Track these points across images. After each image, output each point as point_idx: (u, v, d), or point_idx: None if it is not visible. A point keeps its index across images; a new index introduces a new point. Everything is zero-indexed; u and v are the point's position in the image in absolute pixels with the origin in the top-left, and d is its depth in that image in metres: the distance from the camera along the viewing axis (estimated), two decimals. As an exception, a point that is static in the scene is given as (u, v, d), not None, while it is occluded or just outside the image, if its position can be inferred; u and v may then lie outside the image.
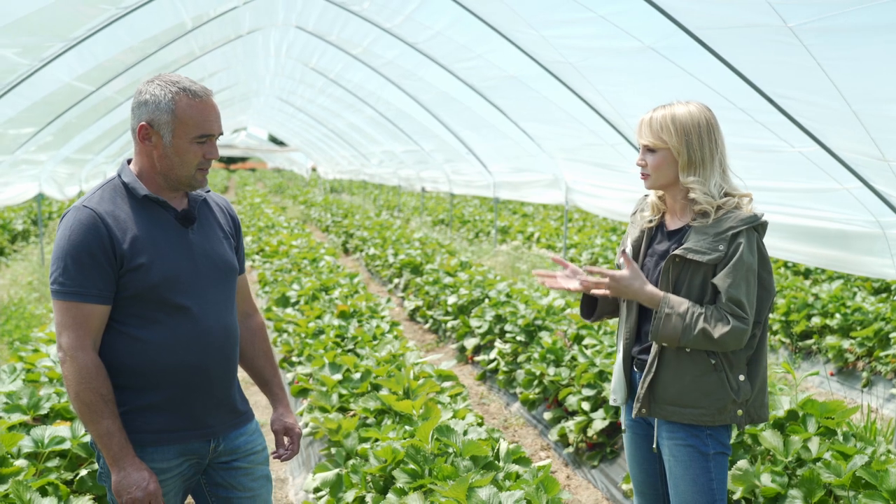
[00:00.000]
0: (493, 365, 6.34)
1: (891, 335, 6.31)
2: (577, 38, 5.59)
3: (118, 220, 2.21)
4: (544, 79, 6.66)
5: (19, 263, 11.05)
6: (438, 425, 3.27)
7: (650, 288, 2.51)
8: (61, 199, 12.34)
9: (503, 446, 3.27)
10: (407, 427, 3.54)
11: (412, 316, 8.87)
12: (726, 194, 2.57)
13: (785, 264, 9.82)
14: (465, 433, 3.36)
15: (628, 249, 2.72)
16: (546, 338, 5.74)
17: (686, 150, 2.52)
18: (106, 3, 5.15)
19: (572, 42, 5.68)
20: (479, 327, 6.73)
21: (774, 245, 5.65)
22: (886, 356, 6.19)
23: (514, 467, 3.10)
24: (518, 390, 5.77)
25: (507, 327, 6.28)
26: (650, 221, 2.71)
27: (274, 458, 2.62)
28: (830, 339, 6.66)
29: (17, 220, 14.48)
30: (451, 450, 3.22)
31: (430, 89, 9.86)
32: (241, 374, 2.70)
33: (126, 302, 2.22)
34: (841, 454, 3.36)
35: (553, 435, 5.13)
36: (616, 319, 2.83)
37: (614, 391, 2.73)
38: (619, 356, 2.71)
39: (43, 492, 2.96)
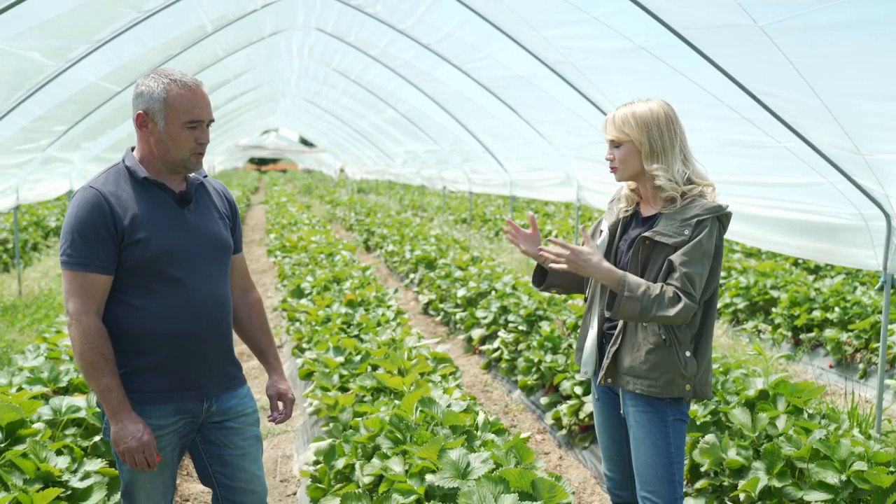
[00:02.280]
0: (496, 354, 6.58)
1: (888, 328, 6.44)
2: (574, 39, 5.80)
3: (120, 200, 2.48)
4: (549, 78, 6.88)
5: (51, 258, 11.48)
6: (422, 397, 3.52)
7: (606, 265, 2.71)
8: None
9: (481, 417, 3.51)
10: (397, 402, 3.79)
11: (426, 309, 9.13)
12: (690, 181, 2.78)
13: (795, 262, 9.94)
14: (449, 406, 3.60)
15: (605, 233, 2.94)
16: (545, 327, 5.96)
17: (647, 141, 2.75)
18: (127, 7, 5.46)
19: (570, 42, 5.89)
20: (485, 318, 6.97)
21: (767, 238, 5.84)
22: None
23: (490, 436, 3.33)
24: (519, 377, 5.99)
25: (510, 317, 6.51)
26: (626, 211, 2.93)
27: (269, 420, 2.88)
28: (829, 332, 6.80)
29: (51, 217, 14.96)
30: (433, 420, 3.47)
31: (446, 89, 10.11)
32: (241, 347, 2.97)
33: (126, 273, 2.49)
34: (804, 430, 3.56)
35: (548, 419, 5.36)
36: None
37: (585, 363, 2.95)
38: (593, 331, 2.91)
39: (58, 452, 3.25)
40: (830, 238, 5.19)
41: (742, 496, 3.43)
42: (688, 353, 2.72)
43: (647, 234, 2.74)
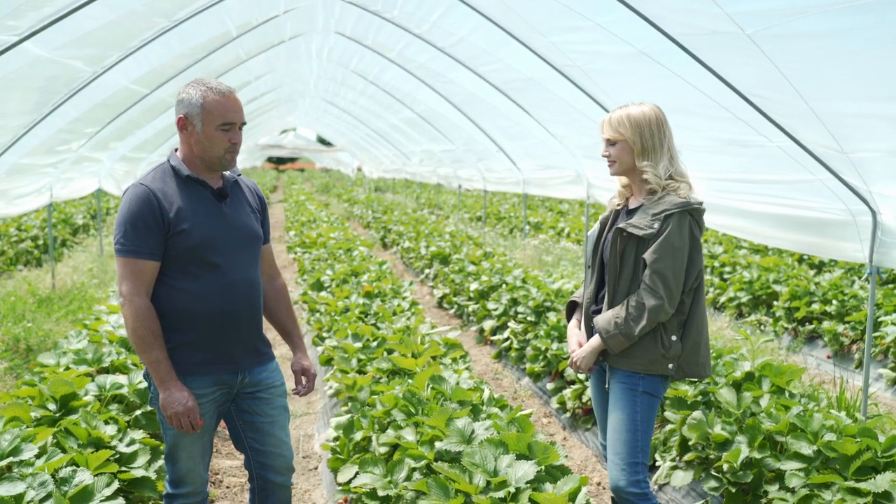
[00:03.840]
0: (506, 343, 6.91)
1: (881, 319, 6.72)
2: (580, 44, 6.12)
3: (166, 195, 2.84)
4: (558, 81, 7.19)
5: (80, 254, 11.92)
6: (433, 375, 3.87)
7: (587, 344, 3.14)
8: (118, 194, 13.19)
9: (486, 393, 3.85)
10: (410, 381, 4.13)
11: (440, 303, 9.48)
12: (671, 177, 3.13)
13: (801, 258, 10.20)
14: (458, 384, 3.95)
15: (596, 227, 3.33)
16: (552, 317, 6.29)
17: (640, 140, 3.11)
18: (159, 17, 5.84)
19: (577, 47, 6.21)
20: (496, 309, 7.30)
21: (763, 233, 6.14)
22: (876, 338, 6.61)
23: (494, 410, 3.67)
24: (527, 365, 6.32)
25: (520, 309, 6.85)
26: (618, 205, 3.30)
27: (293, 393, 3.24)
28: (827, 324, 7.09)
29: (78, 215, 15.46)
30: (443, 396, 3.81)
31: (460, 90, 10.44)
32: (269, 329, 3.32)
33: (171, 260, 2.84)
34: (784, 407, 3.87)
35: (554, 403, 5.68)
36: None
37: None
38: (582, 315, 3.29)
39: (105, 422, 3.62)
40: (821, 232, 5.48)
41: (725, 467, 3.75)
42: (673, 338, 3.05)
43: (621, 225, 3.09)
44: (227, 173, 3.01)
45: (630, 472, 3.02)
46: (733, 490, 3.69)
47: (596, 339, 3.09)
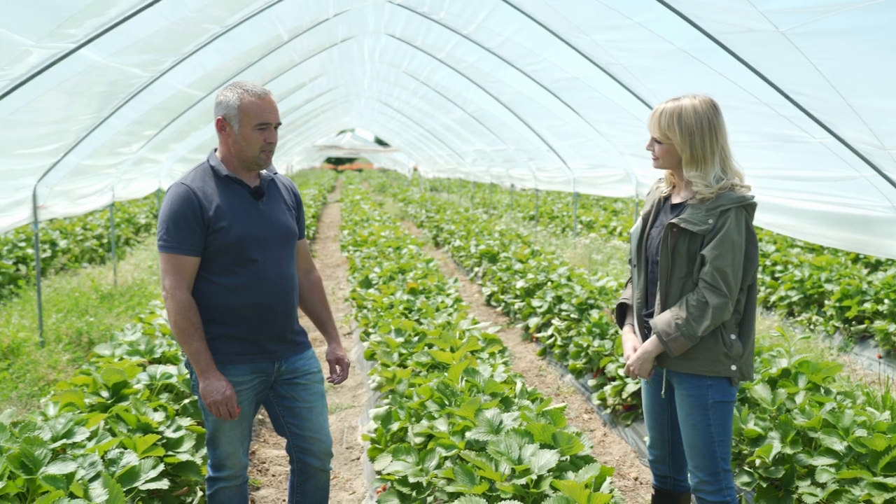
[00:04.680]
0: (550, 340, 6.97)
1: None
2: (622, 42, 6.16)
3: (206, 194, 2.99)
4: (603, 79, 7.23)
5: (142, 252, 12.35)
6: (466, 368, 3.97)
7: (643, 347, 2.99)
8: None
9: (519, 386, 3.94)
10: (446, 374, 4.24)
11: (488, 301, 9.58)
12: (722, 181, 2.90)
13: (856, 257, 10.01)
14: (491, 377, 4.04)
15: (639, 222, 3.17)
16: (594, 314, 6.34)
17: (689, 149, 2.91)
18: (210, 23, 6.06)
19: (619, 45, 6.25)
20: (540, 307, 7.37)
21: (808, 231, 6.08)
22: (928, 338, 6.49)
23: (526, 402, 3.75)
24: (570, 362, 6.37)
25: (563, 306, 6.90)
26: (664, 193, 3.12)
27: (328, 381, 3.37)
28: (879, 324, 6.97)
29: (141, 215, 16.00)
30: (476, 388, 3.91)
31: (508, 90, 10.52)
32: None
33: (211, 256, 3.00)
34: (818, 404, 3.87)
35: (595, 399, 5.73)
36: None
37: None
38: (634, 318, 3.16)
39: (154, 409, 3.81)
40: (867, 230, 5.41)
41: (757, 462, 3.76)
42: (733, 336, 2.92)
43: (673, 220, 2.93)
44: (263, 172, 3.15)
45: (713, 482, 2.96)
46: (764, 485, 3.71)
47: (652, 343, 2.95)
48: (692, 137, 2.89)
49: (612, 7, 5.61)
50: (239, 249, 3.00)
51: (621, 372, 5.35)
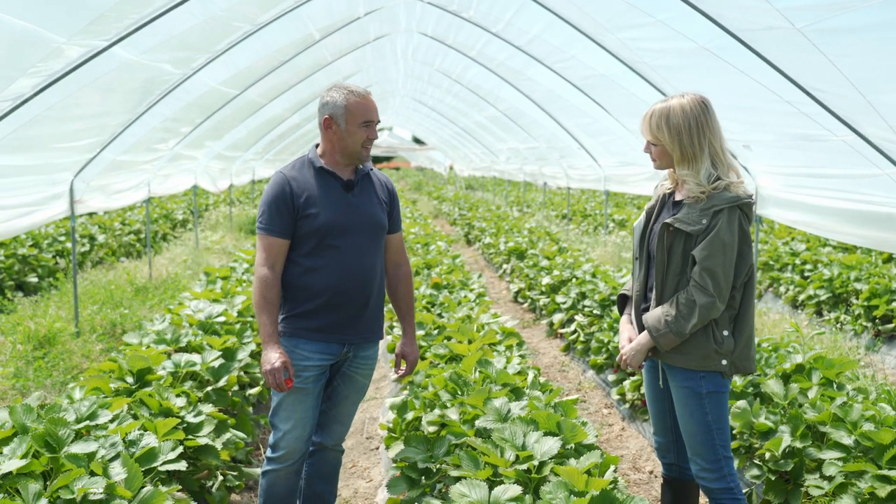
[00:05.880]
0: (573, 336, 7.02)
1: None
2: (645, 41, 6.18)
3: (299, 182, 3.22)
4: (629, 77, 7.24)
5: (178, 247, 12.60)
6: (480, 359, 4.05)
7: (636, 341, 3.08)
8: (214, 191, 13.86)
9: (531, 377, 4.01)
10: (460, 365, 4.32)
11: (515, 298, 9.64)
12: (717, 179, 2.97)
13: (889, 256, 9.88)
14: (504, 368, 4.11)
15: (643, 217, 3.25)
16: (616, 310, 6.37)
17: (678, 148, 2.98)
18: (241, 21, 6.21)
19: (643, 44, 6.28)
20: (564, 303, 7.41)
21: (831, 228, 6.05)
22: (956, 338, 6.42)
23: (537, 393, 3.82)
24: (591, 357, 6.42)
25: (586, 302, 6.94)
26: (668, 189, 3.19)
27: (395, 374, 3.56)
28: (907, 323, 6.91)
29: (178, 211, 16.32)
30: (489, 379, 3.99)
31: (539, 87, 10.57)
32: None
33: (300, 239, 3.21)
34: (829, 398, 3.88)
35: (614, 394, 5.77)
36: None
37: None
38: (633, 310, 3.24)
39: (177, 396, 3.95)
40: (891, 227, 5.38)
41: (767, 455, 3.79)
42: (725, 332, 2.97)
43: (668, 220, 2.99)
44: (360, 167, 3.32)
45: (714, 470, 3.02)
46: (773, 478, 3.73)
47: (645, 337, 3.04)
48: (680, 137, 2.94)
49: (635, 5, 5.64)
50: (324, 235, 3.20)
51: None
